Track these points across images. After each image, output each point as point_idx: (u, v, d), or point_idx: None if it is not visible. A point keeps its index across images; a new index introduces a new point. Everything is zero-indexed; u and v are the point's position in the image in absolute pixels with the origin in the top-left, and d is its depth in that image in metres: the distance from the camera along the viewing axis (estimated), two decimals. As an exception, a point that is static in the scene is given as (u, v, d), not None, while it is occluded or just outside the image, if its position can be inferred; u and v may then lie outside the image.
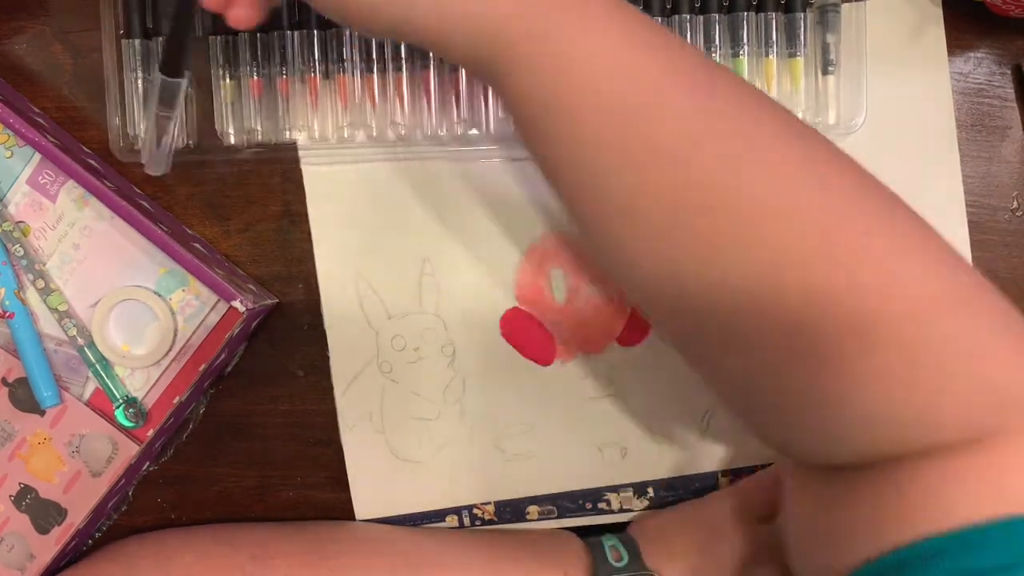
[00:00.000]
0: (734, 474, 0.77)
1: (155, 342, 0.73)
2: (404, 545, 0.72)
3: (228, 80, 0.71)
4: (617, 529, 0.75)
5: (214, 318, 0.73)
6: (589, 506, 0.77)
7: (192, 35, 0.67)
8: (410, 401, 0.76)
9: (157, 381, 0.74)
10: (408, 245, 0.75)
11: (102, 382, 0.73)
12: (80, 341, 0.73)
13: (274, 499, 0.76)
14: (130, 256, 0.73)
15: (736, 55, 0.72)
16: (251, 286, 0.73)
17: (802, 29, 0.72)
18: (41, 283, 0.73)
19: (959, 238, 0.76)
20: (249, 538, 0.72)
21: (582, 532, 0.76)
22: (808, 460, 0.58)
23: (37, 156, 0.73)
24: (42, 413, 0.74)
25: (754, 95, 0.57)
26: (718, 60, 0.72)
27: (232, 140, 0.72)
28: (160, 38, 0.71)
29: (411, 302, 0.75)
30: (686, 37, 0.72)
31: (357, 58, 0.71)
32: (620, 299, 0.75)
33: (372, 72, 0.72)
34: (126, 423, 0.73)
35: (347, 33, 0.71)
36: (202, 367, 0.71)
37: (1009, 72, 0.76)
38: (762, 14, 0.72)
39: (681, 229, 0.53)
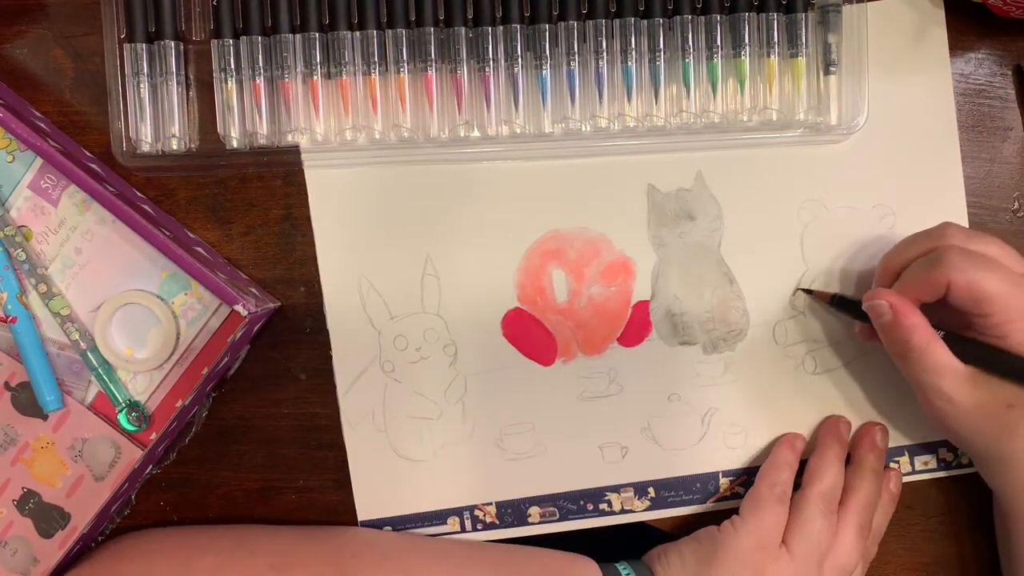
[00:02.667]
0: (734, 475, 0.77)
1: (158, 346, 0.73)
2: (421, 566, 0.72)
3: (230, 83, 0.71)
4: (627, 541, 0.75)
5: (216, 322, 0.73)
6: (590, 507, 0.77)
7: None
8: (412, 400, 0.76)
9: (160, 385, 0.74)
10: (410, 246, 0.75)
11: (105, 386, 0.73)
12: (83, 345, 0.73)
13: (277, 502, 0.76)
14: (132, 260, 0.73)
15: (738, 55, 0.72)
16: (253, 290, 0.73)
17: (803, 29, 0.72)
18: (43, 287, 0.72)
19: (960, 239, 0.76)
20: (268, 545, 0.72)
21: (587, 537, 0.77)
22: None
23: (39, 160, 0.73)
24: (45, 417, 0.74)
25: None
26: (720, 60, 0.72)
27: (234, 143, 0.72)
28: (162, 41, 0.71)
29: (413, 302, 0.75)
30: (688, 38, 0.72)
31: (359, 60, 0.71)
32: (621, 299, 0.76)
33: (373, 74, 0.72)
34: (129, 427, 0.73)
35: (348, 36, 0.71)
36: (205, 371, 0.71)
37: (1010, 73, 0.76)
38: (763, 15, 0.72)
39: None
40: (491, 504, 0.77)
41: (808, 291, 0.76)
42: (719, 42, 0.72)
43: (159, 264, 0.73)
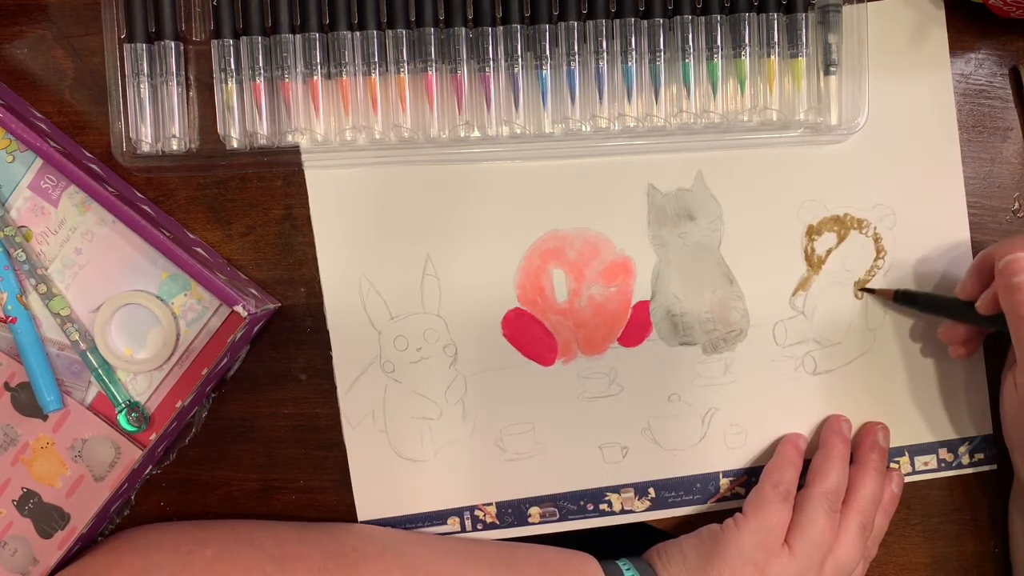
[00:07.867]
0: (735, 475, 0.77)
1: (157, 346, 0.73)
2: (422, 559, 0.72)
3: (230, 84, 0.71)
4: (630, 543, 0.75)
5: (216, 322, 0.73)
6: (591, 507, 0.77)
7: None
8: (412, 401, 0.76)
9: (160, 385, 0.74)
10: (410, 246, 0.75)
11: (104, 386, 0.73)
12: (82, 345, 0.73)
13: (277, 502, 0.76)
14: (132, 261, 0.73)
15: (738, 56, 0.72)
16: (253, 290, 0.73)
17: (804, 30, 0.72)
18: (43, 288, 0.72)
19: (960, 239, 0.76)
20: (269, 538, 0.71)
21: (587, 537, 0.76)
22: None
23: (39, 161, 0.73)
24: (45, 418, 0.74)
25: None
26: (720, 61, 0.72)
27: (234, 144, 0.72)
28: (162, 42, 0.71)
29: (413, 302, 0.75)
30: (688, 38, 0.72)
31: (359, 61, 0.71)
32: (621, 299, 0.76)
33: (374, 74, 0.72)
34: (129, 427, 0.73)
35: (348, 36, 0.71)
36: (204, 371, 0.71)
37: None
38: (764, 15, 0.72)
39: None
40: (491, 504, 0.77)
41: (870, 290, 0.76)
42: (719, 42, 0.72)
43: (159, 264, 0.73)
